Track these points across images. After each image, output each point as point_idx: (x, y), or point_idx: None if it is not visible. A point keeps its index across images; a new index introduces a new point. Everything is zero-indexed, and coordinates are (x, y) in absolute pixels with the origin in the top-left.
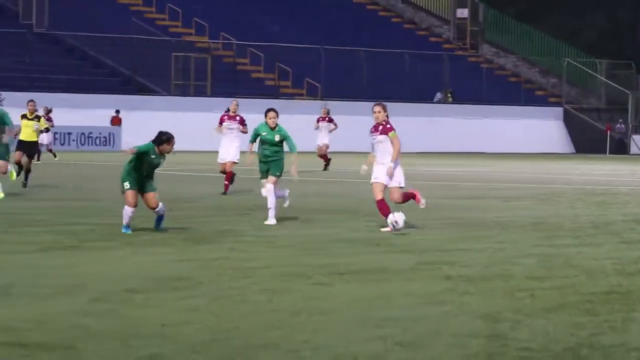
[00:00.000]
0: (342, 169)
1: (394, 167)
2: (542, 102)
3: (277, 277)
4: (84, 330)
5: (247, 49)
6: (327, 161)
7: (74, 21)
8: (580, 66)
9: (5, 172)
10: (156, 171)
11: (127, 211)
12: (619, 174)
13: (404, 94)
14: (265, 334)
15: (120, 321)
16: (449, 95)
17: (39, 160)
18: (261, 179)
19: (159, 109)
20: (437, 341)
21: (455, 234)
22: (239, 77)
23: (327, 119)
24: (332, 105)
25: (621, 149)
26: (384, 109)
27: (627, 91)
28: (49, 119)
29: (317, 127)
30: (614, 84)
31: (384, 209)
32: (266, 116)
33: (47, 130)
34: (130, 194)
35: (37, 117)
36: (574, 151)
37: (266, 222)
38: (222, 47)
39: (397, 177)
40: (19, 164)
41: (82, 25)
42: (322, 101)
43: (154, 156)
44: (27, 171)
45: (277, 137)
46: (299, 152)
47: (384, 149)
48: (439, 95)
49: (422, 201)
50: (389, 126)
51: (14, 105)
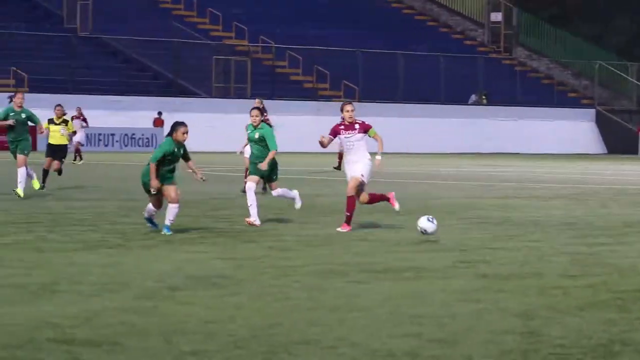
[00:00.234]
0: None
1: (368, 165)
2: (574, 104)
3: (316, 275)
4: (129, 326)
5: (286, 52)
6: (340, 159)
7: (117, 25)
8: (611, 69)
9: (22, 166)
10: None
11: (150, 210)
12: None
13: (440, 96)
14: (305, 331)
15: (163, 318)
16: (484, 97)
17: (81, 160)
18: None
19: (200, 111)
20: (471, 338)
21: (490, 233)
22: (278, 80)
23: None
24: (369, 106)
25: None
26: (354, 107)
27: None
28: (84, 119)
29: None
30: None
31: (351, 205)
32: (250, 114)
33: (74, 133)
34: (153, 198)
35: (65, 122)
36: (606, 152)
37: (248, 220)
38: (261, 50)
39: (365, 175)
40: (47, 170)
41: (125, 28)
42: (360, 103)
43: (177, 149)
44: (58, 172)
45: (256, 135)
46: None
47: (360, 147)
48: (473, 97)
49: (397, 205)
50: (366, 123)
51: None
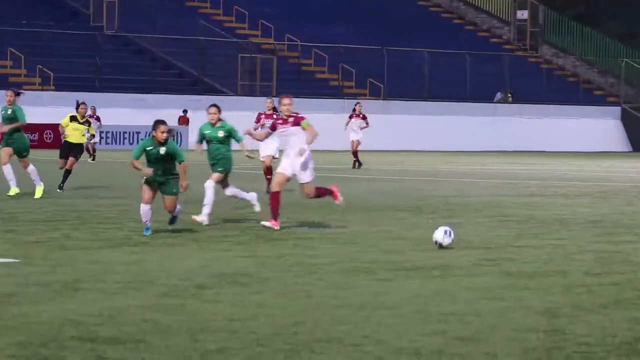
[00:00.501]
0: (399, 167)
1: (308, 158)
2: (600, 101)
3: (341, 273)
4: (153, 324)
5: (311, 50)
6: (357, 158)
7: (143, 23)
8: (637, 66)
9: (26, 167)
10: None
11: (143, 209)
12: None
13: (465, 93)
14: (329, 329)
15: (188, 316)
16: (509, 95)
17: (94, 159)
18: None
19: (226, 109)
20: (496, 335)
21: (515, 231)
22: (304, 78)
23: (361, 116)
24: (394, 104)
25: None
26: (292, 101)
27: None
28: (97, 118)
29: (347, 123)
30: None
31: (275, 202)
32: (208, 113)
33: (93, 136)
34: (144, 188)
35: (88, 122)
36: (632, 150)
37: (195, 218)
38: (287, 49)
39: (309, 172)
40: (63, 169)
41: (151, 27)
42: (385, 101)
43: (151, 147)
44: (68, 172)
45: (220, 133)
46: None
47: (296, 140)
48: (499, 95)
49: (340, 198)
50: (300, 115)
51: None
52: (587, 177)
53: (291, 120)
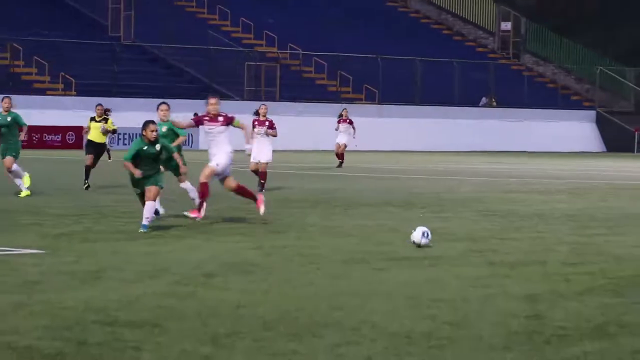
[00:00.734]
0: (393, 166)
1: (227, 156)
2: (577, 106)
3: (339, 263)
4: (168, 310)
5: (312, 58)
6: (342, 159)
7: (157, 34)
8: (611, 74)
9: (9, 168)
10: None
11: (149, 205)
12: None
13: (454, 98)
14: (328, 314)
15: (199, 302)
16: (494, 99)
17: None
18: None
19: (233, 112)
20: (482, 320)
21: (499, 225)
22: (305, 84)
23: (347, 121)
24: (389, 108)
25: None
26: (219, 101)
27: None
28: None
29: (337, 128)
30: None
31: (204, 192)
32: (160, 109)
33: (114, 132)
34: (148, 190)
35: (105, 120)
36: (606, 150)
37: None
38: (289, 57)
39: (220, 165)
40: (89, 168)
41: (165, 37)
42: (380, 105)
43: (146, 147)
44: (88, 168)
45: (164, 128)
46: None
47: (221, 139)
48: (484, 99)
49: (262, 209)
50: (230, 115)
51: None
52: (565, 175)
53: (220, 119)
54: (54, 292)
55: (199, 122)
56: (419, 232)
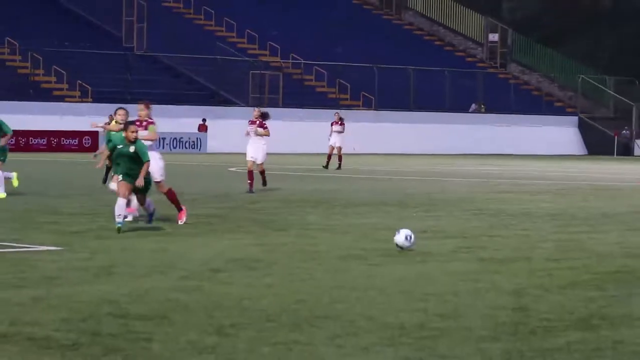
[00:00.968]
0: (388, 169)
1: (157, 162)
2: (560, 112)
3: (337, 259)
4: (175, 303)
5: (312, 68)
6: (329, 160)
7: (168, 44)
8: (593, 82)
9: None
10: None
11: (119, 203)
12: (625, 172)
13: (445, 105)
14: (327, 307)
15: (205, 296)
16: (482, 106)
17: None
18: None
19: (238, 118)
20: (471, 313)
21: (488, 223)
22: (306, 91)
23: (339, 122)
24: (384, 114)
25: (626, 151)
26: (147, 107)
27: (632, 103)
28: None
29: (330, 133)
30: (621, 97)
31: (171, 195)
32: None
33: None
34: (121, 184)
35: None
36: (587, 153)
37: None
38: (291, 66)
39: (159, 170)
40: (109, 167)
41: (175, 47)
42: (376, 111)
43: (121, 145)
44: (109, 168)
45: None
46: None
47: (150, 144)
48: (473, 106)
49: (183, 219)
50: (150, 121)
51: None
52: (549, 176)
53: (144, 123)
54: (70, 287)
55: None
56: (402, 235)
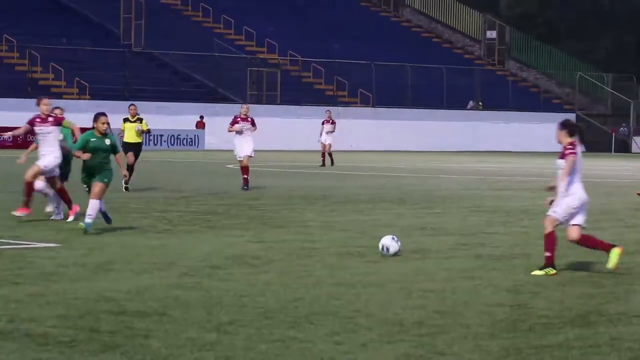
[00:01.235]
0: (387, 165)
1: (55, 159)
2: (558, 108)
3: (336, 256)
4: (175, 299)
5: (310, 65)
6: (324, 157)
7: (166, 41)
8: (590, 79)
9: None
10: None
11: (92, 204)
12: (622, 169)
13: (443, 102)
14: (326, 303)
15: (204, 292)
16: (480, 103)
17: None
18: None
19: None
20: (469, 309)
21: (486, 220)
22: (304, 88)
23: (330, 121)
24: (382, 111)
25: (624, 148)
26: (50, 102)
27: (629, 100)
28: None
29: (321, 130)
30: (618, 94)
31: (29, 191)
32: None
33: (148, 131)
34: (94, 185)
35: (139, 120)
36: (585, 150)
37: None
38: (289, 63)
39: (55, 169)
40: (131, 167)
41: (173, 44)
42: (374, 108)
43: (95, 139)
44: (130, 168)
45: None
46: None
47: (52, 140)
48: (471, 103)
49: (71, 218)
50: (60, 116)
51: (116, 112)
52: (547, 173)
53: (50, 119)
54: (68, 283)
55: (31, 123)
56: (389, 237)
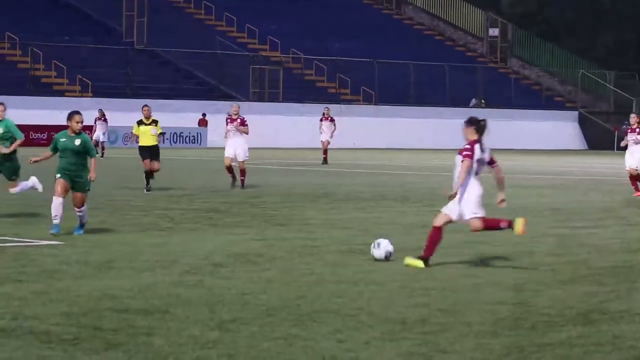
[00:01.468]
0: (389, 163)
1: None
2: (560, 106)
3: (338, 254)
4: (177, 297)
5: (313, 62)
6: (326, 155)
7: (168, 39)
8: (592, 77)
9: None
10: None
11: (55, 202)
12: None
13: (445, 100)
14: (328, 301)
15: (207, 290)
16: (482, 101)
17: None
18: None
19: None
20: (471, 307)
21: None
22: (306, 86)
23: (329, 119)
24: (384, 109)
25: (626, 146)
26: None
27: (631, 97)
28: (105, 120)
29: (320, 127)
30: (620, 92)
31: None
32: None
33: (162, 135)
34: (57, 182)
35: (154, 122)
36: (587, 148)
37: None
38: (292, 61)
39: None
40: (148, 171)
41: (175, 42)
42: (376, 106)
43: (64, 139)
44: (151, 174)
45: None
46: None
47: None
48: (474, 101)
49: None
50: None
51: (119, 109)
52: (549, 171)
53: None
54: (71, 281)
55: None
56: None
